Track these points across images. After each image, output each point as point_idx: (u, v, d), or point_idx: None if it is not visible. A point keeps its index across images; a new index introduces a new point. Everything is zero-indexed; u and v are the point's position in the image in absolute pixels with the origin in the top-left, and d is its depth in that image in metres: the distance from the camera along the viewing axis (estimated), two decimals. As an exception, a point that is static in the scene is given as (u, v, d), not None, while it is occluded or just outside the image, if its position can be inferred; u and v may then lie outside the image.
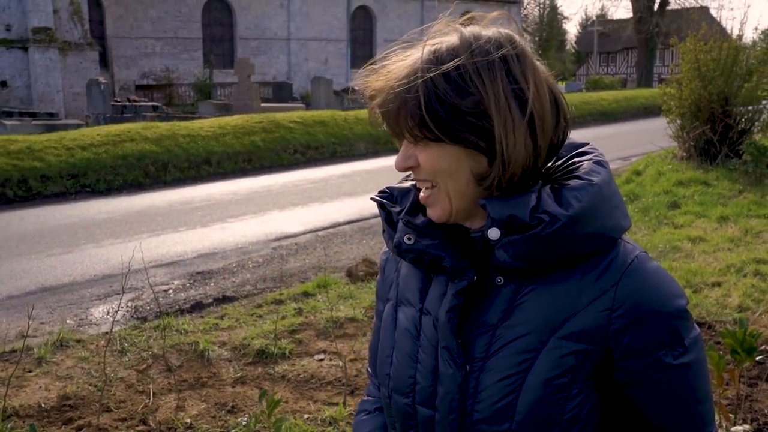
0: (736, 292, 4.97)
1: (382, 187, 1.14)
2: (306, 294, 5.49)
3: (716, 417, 2.69)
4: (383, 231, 1.11)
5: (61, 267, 6.66)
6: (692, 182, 9.22)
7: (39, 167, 10.79)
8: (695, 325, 1.00)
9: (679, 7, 34.28)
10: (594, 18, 51.90)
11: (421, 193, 1.02)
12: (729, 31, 12.59)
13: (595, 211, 0.94)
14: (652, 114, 19.98)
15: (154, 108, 20.78)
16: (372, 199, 1.13)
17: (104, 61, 28.07)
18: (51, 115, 19.41)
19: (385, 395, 1.12)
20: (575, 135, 1.07)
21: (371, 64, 1.03)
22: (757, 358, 3.52)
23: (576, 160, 1.02)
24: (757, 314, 4.50)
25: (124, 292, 4.55)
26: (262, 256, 7.05)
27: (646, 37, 34.43)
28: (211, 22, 32.23)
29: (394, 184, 1.13)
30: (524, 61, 0.95)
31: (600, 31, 47.77)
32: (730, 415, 2.87)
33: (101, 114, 18.29)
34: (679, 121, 10.95)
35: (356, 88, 1.06)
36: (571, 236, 0.93)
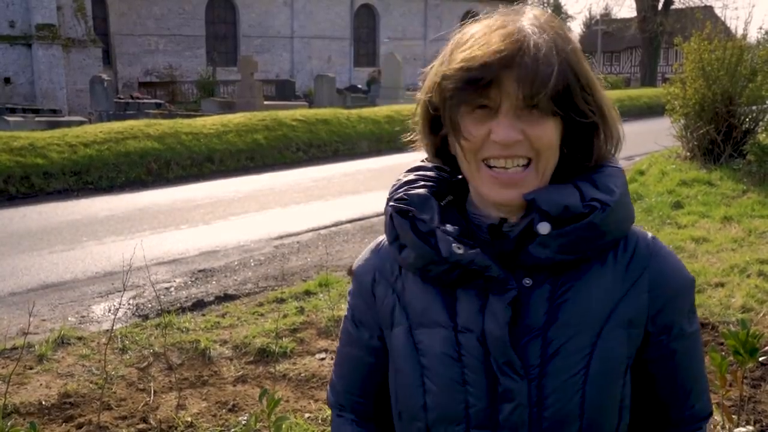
0: (739, 292, 4.95)
1: (386, 186, 1.07)
2: (308, 292, 5.48)
3: (719, 418, 2.68)
4: (392, 242, 1.03)
5: (63, 264, 6.66)
6: (696, 182, 9.18)
7: (42, 164, 10.79)
8: None
9: (684, 7, 34.17)
10: (598, 17, 51.80)
11: (499, 174, 0.94)
12: (733, 31, 12.53)
13: (626, 197, 0.98)
14: (655, 113, 19.92)
15: (157, 105, 20.81)
16: (392, 207, 1.02)
17: (107, 58, 28.11)
18: (54, 112, 19.42)
19: (418, 428, 1.02)
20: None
21: (457, 39, 0.98)
22: (761, 360, 3.50)
23: None
24: (761, 315, 4.48)
25: (125, 290, 4.54)
26: (264, 255, 7.05)
27: (650, 37, 34.33)
28: (214, 20, 32.24)
29: (411, 190, 1.03)
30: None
31: (604, 31, 47.66)
32: (733, 416, 2.85)
33: (104, 111, 18.31)
34: (682, 121, 10.91)
35: (448, 54, 0.97)
36: (614, 222, 0.95)
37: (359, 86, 29.90)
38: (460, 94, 0.93)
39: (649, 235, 1.03)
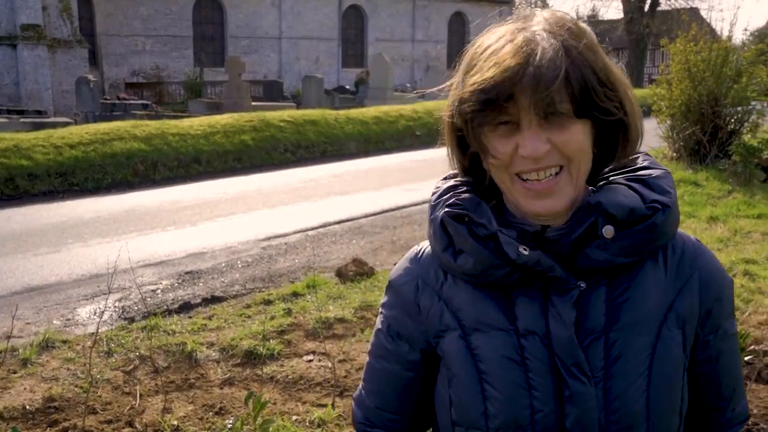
0: (725, 292, 4.98)
1: (374, 186, 1.05)
2: (295, 294, 5.46)
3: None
4: (445, 249, 1.00)
5: (48, 266, 6.59)
6: (682, 182, 9.24)
7: (26, 165, 10.68)
8: None
9: (670, 8, 34.41)
10: (585, 18, 52.07)
11: (533, 185, 0.93)
12: (719, 32, 12.64)
13: (676, 198, 0.99)
14: (642, 114, 20.04)
15: (144, 106, 20.68)
16: (447, 213, 1.00)
17: (94, 59, 27.91)
18: (39, 113, 19.25)
19: None
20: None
21: (473, 53, 0.96)
22: (746, 359, 3.53)
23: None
24: (746, 314, 4.50)
25: (110, 293, 4.51)
26: (252, 256, 7.01)
27: (637, 38, 34.54)
28: (201, 20, 32.10)
29: (458, 195, 1.02)
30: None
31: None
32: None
33: (90, 112, 18.17)
34: (669, 122, 10.98)
35: (465, 71, 0.95)
36: (671, 223, 0.96)
37: (347, 87, 29.87)
38: (479, 115, 0.92)
39: (693, 236, 1.05)
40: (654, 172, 0.99)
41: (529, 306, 0.97)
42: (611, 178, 1.01)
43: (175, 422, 3.45)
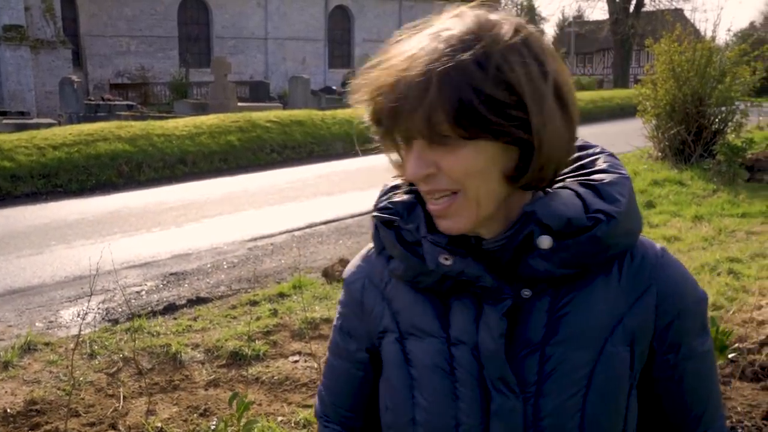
0: (710, 290, 5.00)
1: (360, 187, 1.01)
2: (281, 295, 5.43)
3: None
4: (380, 252, 0.99)
5: (31, 268, 6.52)
6: (667, 182, 9.30)
7: (8, 167, 10.57)
8: None
9: (654, 9, 34.67)
10: (571, 19, 52.34)
11: (432, 205, 0.88)
12: (702, 33, 12.74)
13: (634, 205, 0.91)
14: (628, 114, 20.16)
15: (129, 107, 20.55)
16: (375, 217, 0.97)
17: (78, 60, 27.71)
18: (22, 114, 19.08)
19: None
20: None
21: (374, 61, 0.88)
22: (730, 356, 3.54)
23: (580, 154, 0.96)
24: (731, 312, 4.53)
25: (92, 294, 4.45)
26: (237, 257, 6.97)
27: (622, 39, 34.80)
28: (187, 21, 31.95)
29: (395, 197, 0.98)
30: (543, 42, 0.86)
31: (577, 32, 48.20)
32: (705, 413, 2.86)
33: (74, 113, 18.02)
34: (654, 122, 11.05)
35: (355, 86, 0.89)
36: (620, 234, 0.89)
37: (334, 88, 29.82)
38: (376, 130, 0.88)
39: (659, 246, 0.96)
40: (608, 178, 0.91)
41: (463, 314, 0.92)
42: (566, 181, 0.93)
43: (159, 424, 3.41)
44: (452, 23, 0.84)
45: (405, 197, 0.97)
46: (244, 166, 13.14)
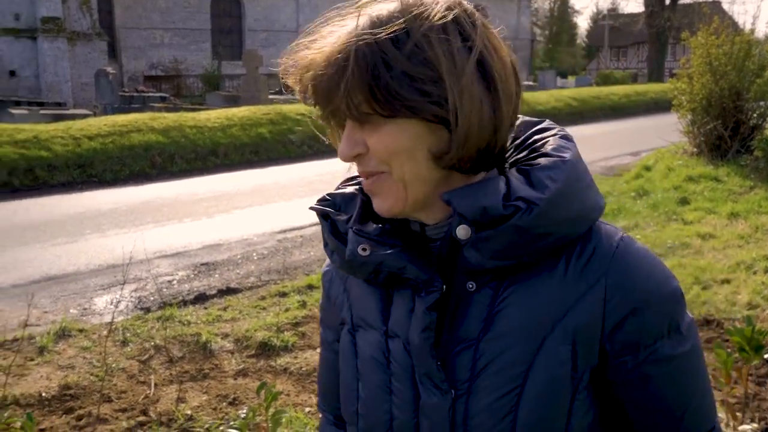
0: (745, 289, 4.91)
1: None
2: (310, 286, 5.46)
3: (723, 416, 2.64)
4: (325, 245, 0.96)
5: (66, 256, 6.65)
6: (702, 178, 9.12)
7: (46, 156, 10.79)
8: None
9: (691, 1, 34.00)
10: (605, 12, 51.58)
11: (366, 182, 0.87)
12: (741, 26, 12.46)
13: (572, 191, 0.82)
14: (662, 109, 19.83)
15: (162, 99, 20.81)
16: (311, 208, 0.97)
17: (113, 52, 28.12)
18: (59, 105, 19.45)
19: None
20: (586, 129, 0.99)
21: (302, 39, 0.86)
22: (766, 357, 3.46)
23: (537, 137, 0.89)
24: (767, 312, 4.43)
25: (125, 283, 4.53)
26: (267, 248, 7.03)
27: (658, 32, 34.18)
28: (219, 14, 32.21)
29: (345, 187, 0.98)
30: (476, 19, 0.82)
31: (611, 25, 47.48)
32: (738, 414, 2.81)
33: (109, 104, 18.30)
34: (689, 116, 10.84)
35: (282, 66, 0.87)
36: (551, 223, 0.81)
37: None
38: (318, 115, 0.88)
39: (620, 234, 0.87)
40: (544, 161, 0.83)
41: (400, 306, 0.90)
42: (507, 166, 0.89)
43: (189, 412, 3.46)
44: (383, 4, 0.82)
45: (347, 189, 0.97)
46: (274, 158, 13.23)
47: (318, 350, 4.22)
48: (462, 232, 0.82)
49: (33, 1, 23.38)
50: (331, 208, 0.95)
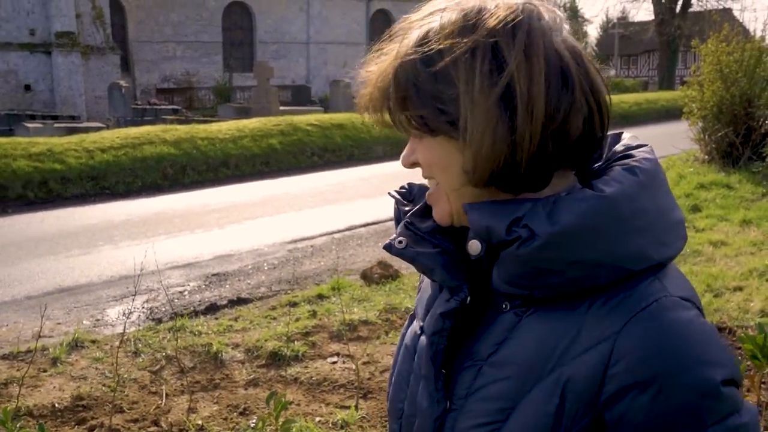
0: (758, 296, 4.87)
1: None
2: (320, 296, 5.48)
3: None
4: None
5: (79, 268, 6.71)
6: (714, 185, 9.07)
7: (60, 169, 10.91)
8: (738, 409, 0.74)
9: (702, 9, 33.88)
10: (615, 20, 51.52)
11: (427, 193, 0.90)
12: (752, 33, 12.40)
13: (595, 232, 0.74)
14: (673, 117, 19.75)
15: (174, 111, 20.97)
16: (389, 194, 0.99)
17: (126, 65, 28.40)
18: (73, 118, 19.64)
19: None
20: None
21: (374, 53, 0.89)
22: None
23: (621, 162, 0.82)
24: (780, 320, 4.40)
25: (137, 294, 4.57)
26: (278, 258, 7.05)
27: (668, 39, 34.06)
28: (231, 26, 32.47)
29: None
30: (518, 31, 0.76)
31: (621, 34, 47.38)
32: (751, 422, 2.79)
33: (122, 117, 18.48)
34: (700, 124, 10.79)
35: (357, 78, 0.91)
36: (559, 260, 0.75)
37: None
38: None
39: (664, 294, 0.75)
40: (580, 194, 0.76)
41: (437, 307, 0.89)
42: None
43: (200, 422, 3.47)
44: (440, 15, 0.81)
45: (425, 182, 0.97)
46: (285, 169, 13.29)
47: (328, 360, 4.24)
48: (473, 247, 0.81)
49: (48, 16, 23.68)
50: (406, 197, 0.96)
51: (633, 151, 0.84)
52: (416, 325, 0.96)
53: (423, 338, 0.91)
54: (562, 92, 0.76)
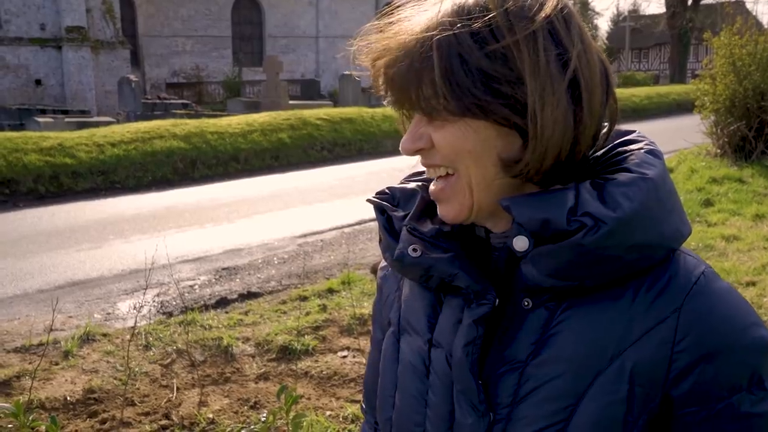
0: (771, 292, 4.83)
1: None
2: (330, 291, 5.47)
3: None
4: (380, 240, 0.90)
5: (90, 262, 6.74)
6: (726, 179, 9.00)
7: (70, 164, 10.95)
8: None
9: (714, 2, 33.61)
10: (626, 13, 51.19)
11: (432, 185, 0.81)
12: (765, 25, 12.29)
13: (649, 213, 0.74)
14: (685, 110, 19.61)
15: (184, 105, 21.01)
16: (369, 201, 0.91)
17: (135, 60, 28.48)
18: (83, 113, 19.73)
19: None
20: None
21: (377, 23, 0.81)
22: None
23: (622, 149, 0.81)
24: (794, 315, 4.36)
25: (148, 287, 4.58)
26: (288, 253, 7.06)
27: (680, 32, 33.82)
28: (240, 21, 32.51)
29: (408, 182, 0.92)
30: (571, 20, 0.75)
31: (632, 27, 47.07)
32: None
33: (132, 111, 18.54)
34: (712, 117, 10.72)
35: (355, 49, 0.82)
36: (620, 246, 0.73)
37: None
38: (388, 102, 0.82)
39: (702, 267, 0.77)
40: (622, 177, 0.75)
41: (448, 316, 0.83)
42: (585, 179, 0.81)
43: (211, 415, 3.48)
44: None
45: (408, 184, 0.91)
46: (295, 163, 13.30)
47: (338, 354, 4.24)
48: (519, 243, 0.75)
49: (58, 11, 23.78)
50: (389, 203, 0.90)
51: (630, 137, 0.84)
52: (419, 340, 0.87)
53: (436, 352, 0.85)
54: (603, 87, 0.78)
